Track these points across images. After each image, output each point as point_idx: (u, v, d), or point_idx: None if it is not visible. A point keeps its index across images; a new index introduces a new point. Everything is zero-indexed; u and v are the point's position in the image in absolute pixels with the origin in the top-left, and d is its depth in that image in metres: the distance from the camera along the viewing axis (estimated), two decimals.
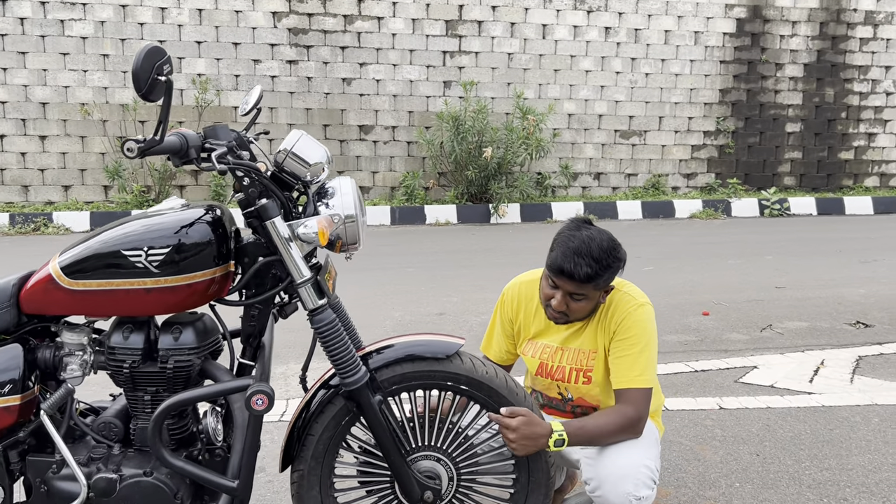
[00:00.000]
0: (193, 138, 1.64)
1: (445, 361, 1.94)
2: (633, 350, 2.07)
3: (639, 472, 2.00)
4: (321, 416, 1.93)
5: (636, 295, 2.15)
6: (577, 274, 1.99)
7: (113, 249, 1.70)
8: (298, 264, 1.79)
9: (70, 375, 1.80)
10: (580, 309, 2.07)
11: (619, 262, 2.05)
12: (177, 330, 1.80)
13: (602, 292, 2.10)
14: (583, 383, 2.18)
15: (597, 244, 2.01)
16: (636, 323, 2.08)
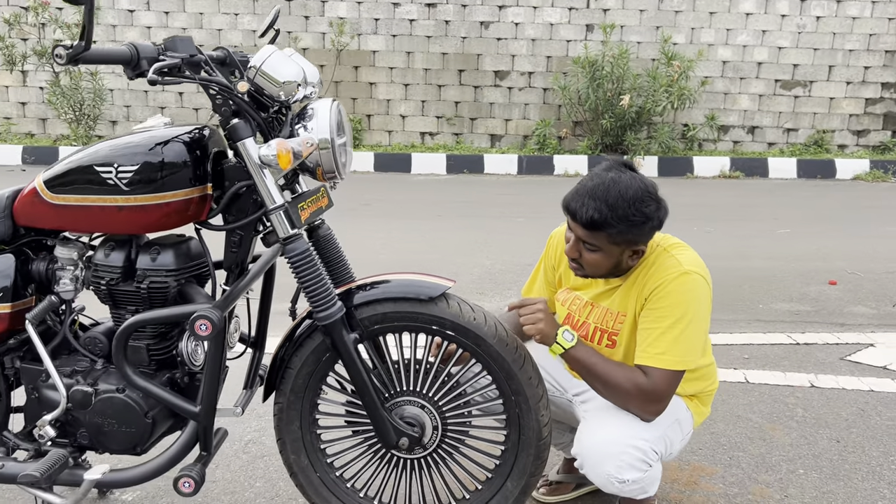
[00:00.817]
0: (148, 49, 1.59)
1: (429, 303, 1.80)
2: (661, 324, 1.80)
3: (625, 452, 1.77)
4: (300, 349, 1.87)
5: (685, 261, 1.85)
6: (579, 215, 1.76)
7: (87, 164, 1.70)
8: (270, 190, 1.71)
9: (62, 289, 1.84)
10: (594, 262, 1.84)
11: (642, 218, 1.76)
12: (155, 251, 1.79)
13: (628, 251, 1.83)
14: (606, 346, 1.96)
15: (618, 190, 1.76)
16: (673, 293, 1.80)
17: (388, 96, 10.10)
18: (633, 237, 1.79)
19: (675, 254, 1.88)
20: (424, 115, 10.11)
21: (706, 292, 1.84)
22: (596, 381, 1.82)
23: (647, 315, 1.84)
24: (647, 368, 1.80)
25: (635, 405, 1.80)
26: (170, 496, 2.19)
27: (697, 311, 1.81)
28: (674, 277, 1.81)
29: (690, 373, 1.95)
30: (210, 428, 1.76)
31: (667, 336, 1.79)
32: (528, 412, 1.85)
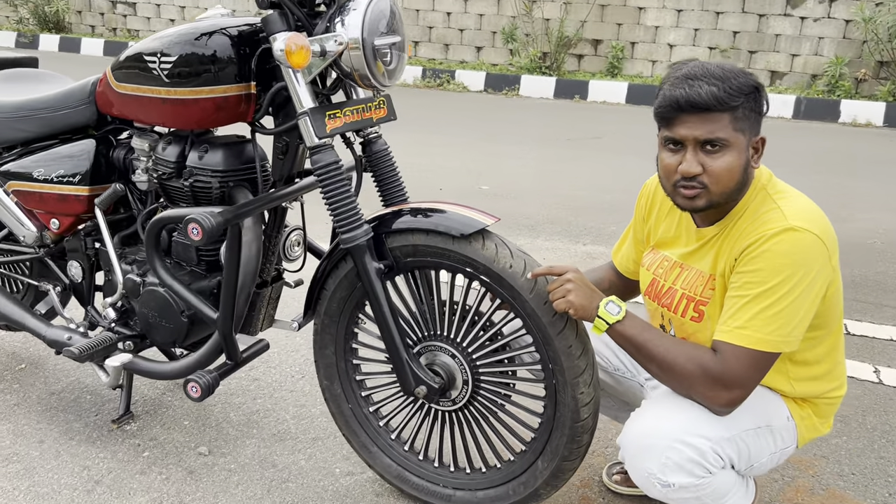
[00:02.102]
0: None
1: (461, 241, 1.54)
2: (749, 291, 1.37)
3: (672, 447, 1.38)
4: (335, 271, 1.72)
5: (791, 212, 1.39)
6: (694, 97, 1.34)
7: (138, 52, 1.67)
8: (298, 92, 1.55)
9: (137, 179, 1.88)
10: (727, 168, 1.38)
11: (755, 86, 1.36)
12: (204, 149, 1.74)
13: (751, 148, 1.40)
14: (691, 319, 1.54)
15: (715, 65, 1.38)
16: (769, 254, 1.36)
17: (657, 22, 9.29)
18: (752, 116, 1.38)
19: (779, 202, 1.42)
20: (696, 44, 9.16)
21: (820, 256, 1.36)
22: (650, 363, 1.44)
23: (734, 280, 1.41)
24: (720, 345, 1.38)
25: (699, 391, 1.39)
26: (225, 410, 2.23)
27: (802, 279, 1.34)
28: (773, 234, 1.36)
29: (803, 368, 1.50)
30: (230, 336, 1.71)
31: (752, 306, 1.36)
32: (564, 386, 1.53)
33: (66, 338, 1.90)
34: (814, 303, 1.38)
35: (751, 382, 1.38)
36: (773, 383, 1.52)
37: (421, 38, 10.45)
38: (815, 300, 1.38)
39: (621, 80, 9.05)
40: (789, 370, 1.51)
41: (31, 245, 2.01)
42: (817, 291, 1.38)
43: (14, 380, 2.26)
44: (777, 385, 1.52)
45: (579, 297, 1.45)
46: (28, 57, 2.20)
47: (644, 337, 1.43)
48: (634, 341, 1.43)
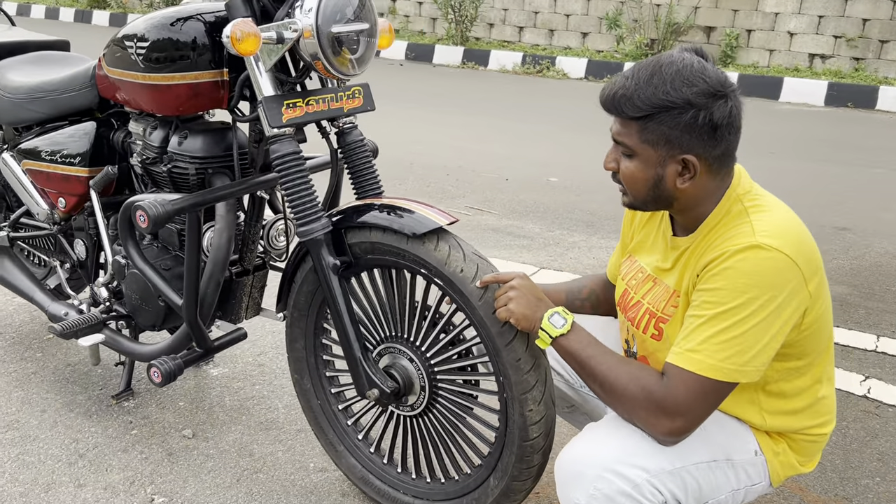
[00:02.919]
0: None
1: (414, 241, 1.45)
2: (706, 311, 1.22)
3: (602, 478, 1.23)
4: (303, 264, 1.68)
5: (761, 227, 1.23)
6: (603, 97, 1.27)
7: (121, 36, 1.68)
8: (257, 80, 1.51)
9: (133, 162, 1.91)
10: (629, 174, 1.29)
11: (679, 100, 1.20)
12: (183, 135, 1.74)
13: (673, 163, 1.25)
14: (651, 336, 1.40)
15: (660, 66, 1.22)
16: (731, 272, 1.20)
17: (778, 9, 8.68)
18: (670, 132, 1.22)
19: (752, 216, 1.25)
20: (819, 32, 8.50)
21: (791, 279, 1.19)
22: (592, 382, 1.30)
23: (694, 298, 1.27)
24: (669, 368, 1.24)
25: (640, 416, 1.25)
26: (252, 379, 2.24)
27: (767, 304, 1.19)
28: (737, 251, 1.21)
29: (778, 400, 1.33)
30: (195, 323, 1.70)
31: (707, 328, 1.21)
32: (513, 401, 1.42)
33: (63, 313, 1.97)
34: (781, 331, 1.21)
35: (698, 412, 1.23)
36: (742, 414, 1.35)
37: (525, 23, 10.26)
38: (782, 328, 1.21)
39: (733, 69, 8.53)
40: (762, 401, 1.34)
41: (44, 222, 2.09)
42: (786, 318, 1.21)
43: (39, 348, 2.38)
44: (747, 416, 1.35)
45: (521, 305, 1.34)
46: (59, 40, 2.29)
47: (587, 353, 1.30)
48: (577, 357, 1.31)
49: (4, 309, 2.60)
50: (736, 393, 1.31)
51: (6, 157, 2.10)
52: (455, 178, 4.60)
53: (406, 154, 5.10)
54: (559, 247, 3.50)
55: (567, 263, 3.28)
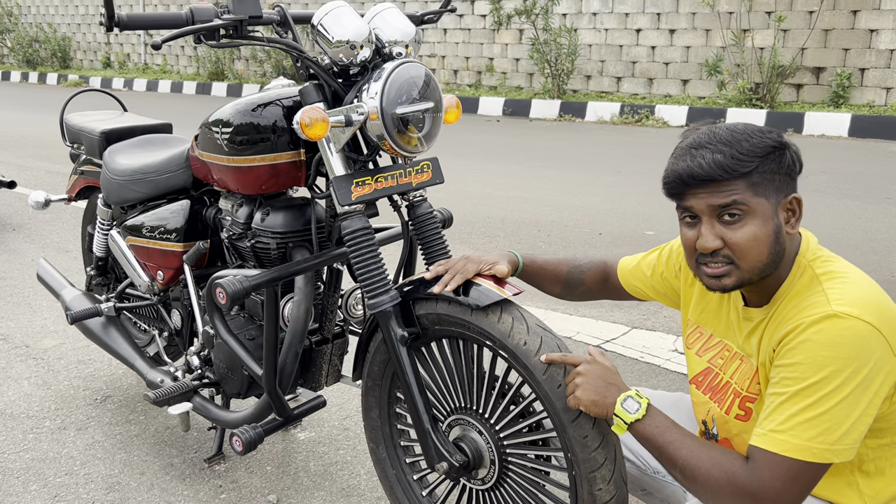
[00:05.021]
0: (205, 12, 1.56)
1: (478, 312, 1.46)
2: (787, 388, 1.15)
3: None
4: (376, 333, 1.71)
5: (837, 295, 1.16)
6: (700, 168, 1.19)
7: (208, 122, 1.80)
8: (329, 160, 1.58)
9: (223, 236, 2.02)
10: (750, 237, 1.19)
11: (774, 143, 1.19)
12: (266, 212, 1.83)
13: (782, 209, 1.21)
14: (736, 417, 1.33)
15: (726, 129, 1.22)
16: (809, 344, 1.14)
17: (893, 45, 8.26)
18: (777, 176, 1.20)
19: (825, 284, 1.19)
20: None
21: (877, 348, 1.12)
22: (673, 468, 1.24)
23: (773, 375, 1.20)
24: (753, 451, 1.17)
25: (724, 497, 1.18)
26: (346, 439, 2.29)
27: (852, 376, 1.12)
28: (813, 322, 1.15)
29: (878, 481, 1.25)
30: (274, 392, 1.75)
31: (790, 406, 1.15)
32: (581, 480, 1.38)
33: (159, 380, 2.08)
34: (872, 404, 1.13)
35: (788, 497, 1.15)
36: (842, 499, 1.26)
37: (623, 73, 10.22)
38: (873, 401, 1.13)
39: (845, 110, 8.14)
40: (860, 483, 1.25)
41: (145, 293, 2.24)
42: (875, 390, 1.13)
43: (142, 411, 2.52)
44: (847, 501, 1.26)
45: (589, 393, 1.30)
46: (162, 123, 2.47)
47: (666, 438, 1.25)
48: (655, 442, 1.25)
49: (115, 372, 2.78)
50: (831, 476, 1.23)
51: (114, 233, 2.28)
52: (547, 234, 4.58)
53: (498, 210, 5.14)
54: (652, 304, 3.40)
55: (660, 322, 3.18)
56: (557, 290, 1.70)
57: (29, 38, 17.84)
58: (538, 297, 3.49)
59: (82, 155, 2.49)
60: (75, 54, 18.08)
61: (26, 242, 4.50)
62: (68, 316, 2.29)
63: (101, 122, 2.44)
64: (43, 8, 18.61)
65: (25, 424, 2.41)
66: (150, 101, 12.50)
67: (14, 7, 18.61)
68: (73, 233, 4.66)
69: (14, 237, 4.61)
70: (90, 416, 2.47)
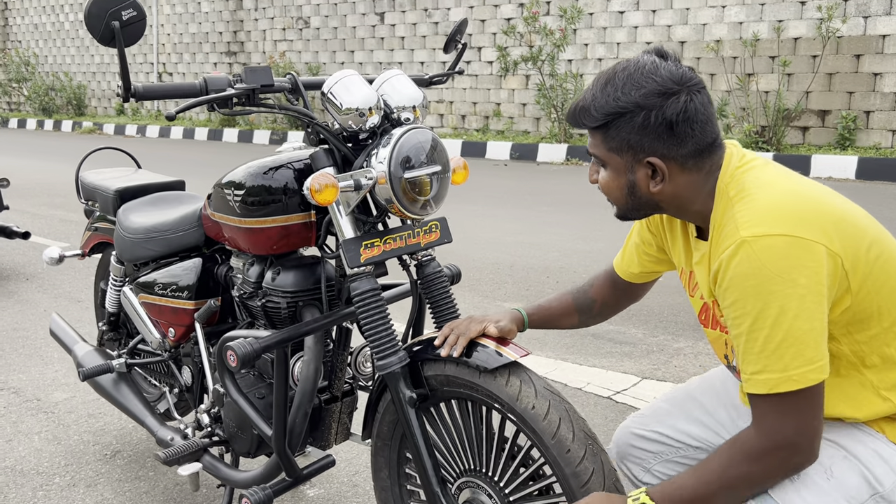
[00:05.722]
0: (218, 81, 1.61)
1: (487, 375, 1.47)
2: (740, 329, 1.19)
3: None
4: (385, 393, 1.72)
5: (745, 219, 1.18)
6: (569, 110, 1.34)
7: (220, 183, 1.84)
8: (339, 223, 1.61)
9: (234, 294, 2.04)
10: (605, 185, 1.35)
11: (628, 104, 1.23)
12: (276, 271, 1.85)
13: (640, 168, 1.28)
14: (732, 349, 1.38)
15: (621, 76, 1.26)
16: (735, 281, 1.17)
17: None
18: (629, 137, 1.25)
19: (736, 209, 1.22)
20: None
21: (798, 253, 1.13)
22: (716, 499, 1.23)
23: (725, 320, 1.24)
24: (750, 402, 1.21)
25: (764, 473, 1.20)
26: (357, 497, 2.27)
27: (790, 293, 1.13)
28: (729, 256, 1.18)
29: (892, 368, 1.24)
30: (283, 453, 1.76)
31: (752, 345, 1.17)
32: None
33: (169, 438, 2.09)
34: (823, 309, 1.14)
35: (801, 427, 1.17)
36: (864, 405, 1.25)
37: None
38: (823, 305, 1.14)
39: (851, 153, 8.18)
40: (872, 380, 1.25)
41: (157, 349, 2.25)
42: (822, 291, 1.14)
43: (152, 467, 2.51)
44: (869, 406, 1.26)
45: None
46: (175, 180, 2.52)
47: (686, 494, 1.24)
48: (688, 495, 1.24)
49: (125, 427, 2.78)
50: (841, 389, 1.24)
51: (126, 290, 2.30)
52: (556, 280, 4.59)
53: (507, 255, 5.16)
54: (663, 353, 3.39)
55: (671, 373, 3.17)
56: (575, 321, 1.72)
57: (45, 87, 18.22)
58: (548, 346, 3.49)
59: (96, 212, 2.53)
60: (90, 101, 18.44)
61: (39, 292, 4.54)
62: (80, 373, 2.30)
63: (116, 179, 2.48)
64: (60, 57, 19.04)
65: (35, 481, 2.41)
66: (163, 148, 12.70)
67: (31, 56, 19.04)
68: (84, 283, 4.71)
69: (27, 287, 4.66)
70: (100, 472, 2.47)
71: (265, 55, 14.40)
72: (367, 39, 12.94)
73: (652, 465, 1.65)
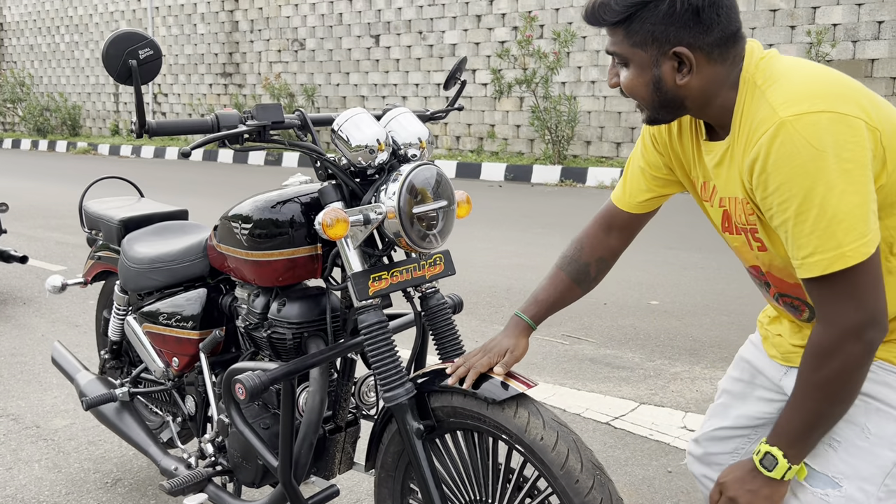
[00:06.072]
0: (230, 118, 1.64)
1: (494, 406, 1.49)
2: (786, 214, 1.17)
3: None
4: (390, 424, 1.74)
5: (781, 99, 1.18)
6: (586, 12, 1.28)
7: (228, 216, 1.87)
8: (347, 256, 1.63)
9: (239, 324, 2.06)
10: (629, 85, 1.30)
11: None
12: (282, 302, 1.87)
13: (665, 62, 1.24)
14: (758, 249, 1.35)
15: None
16: (777, 164, 1.15)
17: None
18: (653, 28, 1.22)
19: (768, 92, 1.20)
20: None
21: (840, 129, 1.13)
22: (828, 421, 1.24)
23: (767, 210, 1.21)
24: (808, 286, 1.20)
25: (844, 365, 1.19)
26: None
27: (836, 168, 1.12)
28: (770, 139, 1.16)
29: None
30: (289, 484, 1.77)
31: (801, 227, 1.16)
32: None
33: (173, 468, 2.09)
34: (870, 182, 1.14)
35: (865, 302, 1.16)
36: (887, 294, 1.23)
37: (622, 139, 10.42)
38: (869, 178, 1.14)
39: None
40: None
41: (160, 378, 2.27)
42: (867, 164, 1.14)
43: (153, 495, 2.51)
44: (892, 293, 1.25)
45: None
46: (179, 210, 2.54)
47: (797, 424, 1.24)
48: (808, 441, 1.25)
49: (125, 454, 2.78)
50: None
51: (130, 319, 2.32)
52: None
53: (503, 278, 5.19)
54: (660, 378, 3.42)
55: (668, 398, 3.19)
56: (579, 293, 1.69)
57: (40, 108, 18.26)
58: (546, 370, 3.51)
59: (99, 240, 2.55)
60: (84, 122, 18.47)
61: (36, 317, 4.54)
62: (83, 402, 2.31)
63: (120, 209, 2.50)
64: (55, 78, 19.09)
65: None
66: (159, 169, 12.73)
67: (26, 77, 19.09)
68: (81, 307, 4.71)
69: (24, 311, 4.66)
70: (101, 500, 2.47)
71: (260, 77, 14.49)
72: (362, 61, 13.04)
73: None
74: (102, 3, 17.45)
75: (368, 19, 12.81)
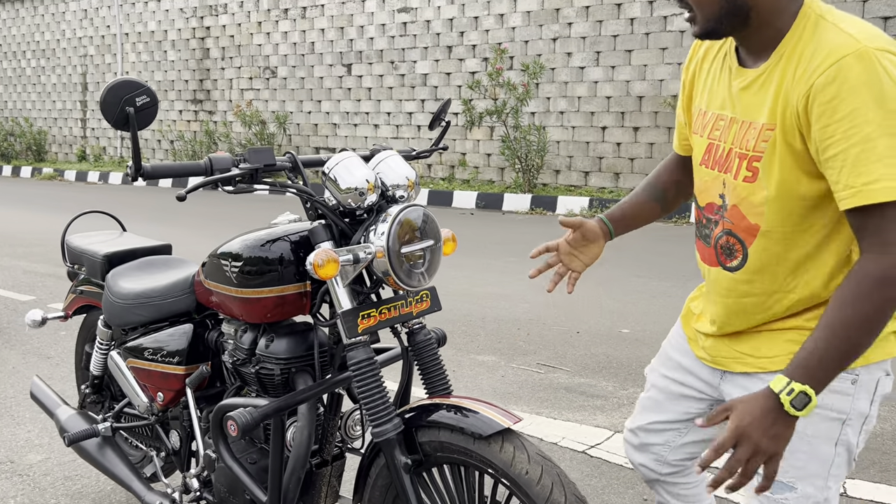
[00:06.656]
0: (223, 161, 1.69)
1: (481, 441, 1.54)
2: (852, 140, 1.17)
3: None
4: (377, 458, 1.78)
5: (855, 30, 1.21)
6: None
7: (217, 253, 1.90)
8: (337, 294, 1.68)
9: (225, 360, 2.09)
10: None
11: None
12: (270, 338, 1.91)
13: None
14: (744, 180, 1.36)
15: None
16: (858, 87, 1.16)
17: None
18: None
19: (842, 25, 1.23)
20: None
21: None
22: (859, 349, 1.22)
23: (826, 136, 1.20)
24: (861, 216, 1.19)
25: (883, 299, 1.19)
26: None
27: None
28: (852, 62, 1.17)
29: None
30: None
31: (868, 155, 1.15)
32: None
33: (157, 503, 2.10)
34: None
35: None
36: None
37: (591, 168, 10.61)
38: None
39: None
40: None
41: (144, 413, 2.28)
42: None
43: None
44: None
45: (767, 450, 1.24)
46: (162, 244, 2.57)
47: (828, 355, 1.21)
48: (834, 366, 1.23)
49: (103, 489, 2.77)
50: None
51: (114, 354, 2.33)
52: (526, 333, 4.69)
53: (477, 307, 5.25)
54: (633, 407, 3.48)
55: None
56: (658, 211, 1.78)
57: (4, 133, 18.02)
58: (522, 400, 3.57)
59: (81, 275, 2.56)
60: (50, 147, 18.25)
61: (6, 348, 4.48)
62: (65, 438, 2.31)
63: (103, 244, 2.52)
64: (20, 103, 18.86)
65: None
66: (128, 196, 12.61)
67: None
68: (52, 338, 4.66)
69: None
70: None
71: (231, 104, 14.49)
72: (334, 90, 13.13)
73: (665, 455, 1.72)
74: (70, 29, 17.35)
75: (340, 48, 12.93)
